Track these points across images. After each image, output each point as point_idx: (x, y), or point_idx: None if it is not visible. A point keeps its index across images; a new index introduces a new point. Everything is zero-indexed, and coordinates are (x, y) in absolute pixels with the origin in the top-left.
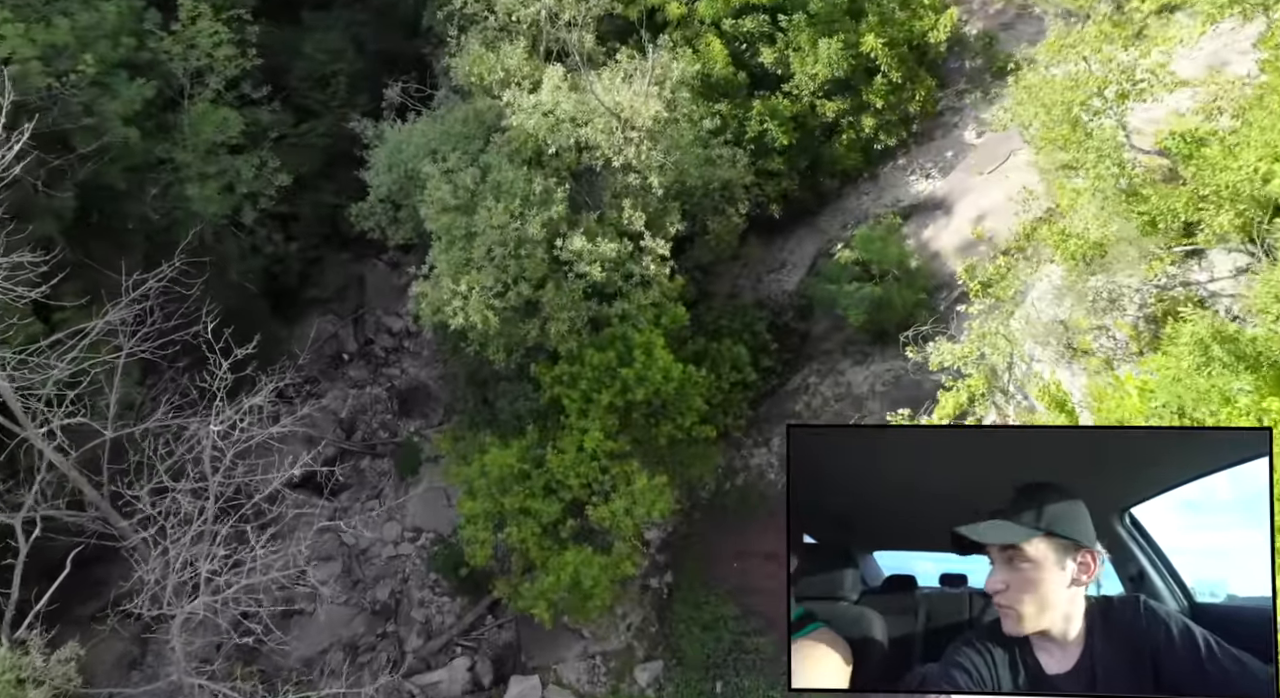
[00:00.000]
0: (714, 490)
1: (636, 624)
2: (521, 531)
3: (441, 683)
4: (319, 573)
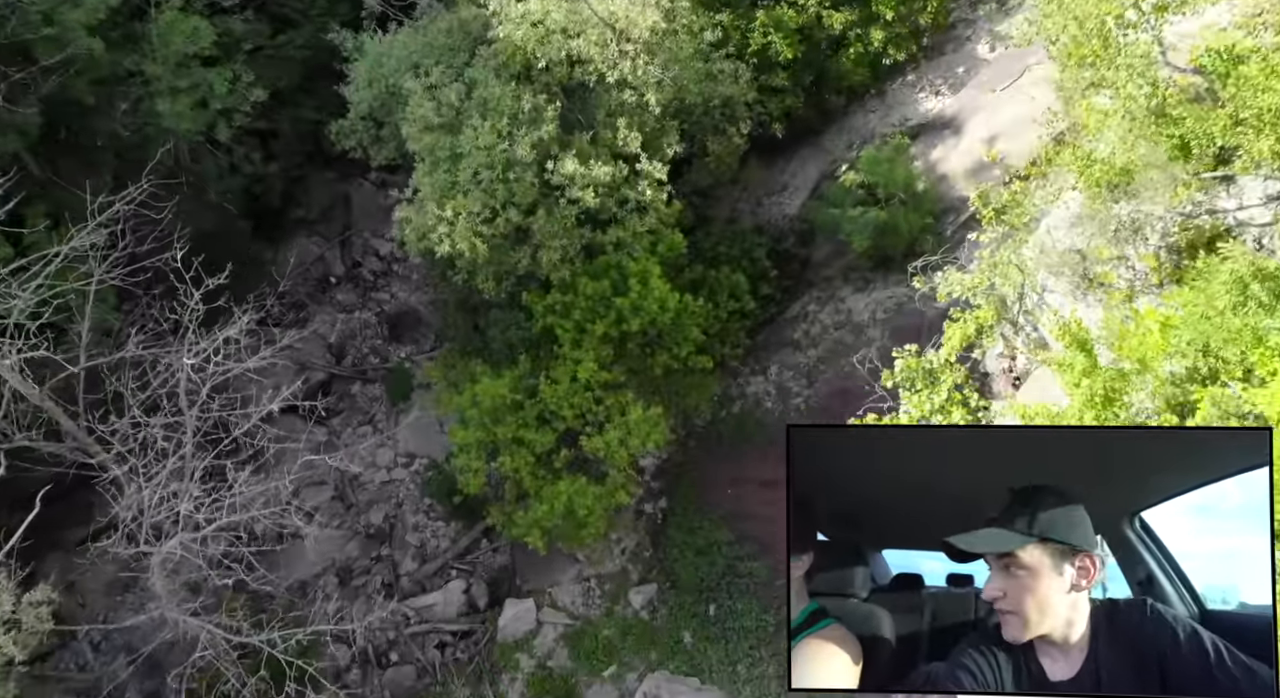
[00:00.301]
0: (709, 419)
1: (631, 549)
2: (514, 460)
3: (437, 606)
4: (310, 498)
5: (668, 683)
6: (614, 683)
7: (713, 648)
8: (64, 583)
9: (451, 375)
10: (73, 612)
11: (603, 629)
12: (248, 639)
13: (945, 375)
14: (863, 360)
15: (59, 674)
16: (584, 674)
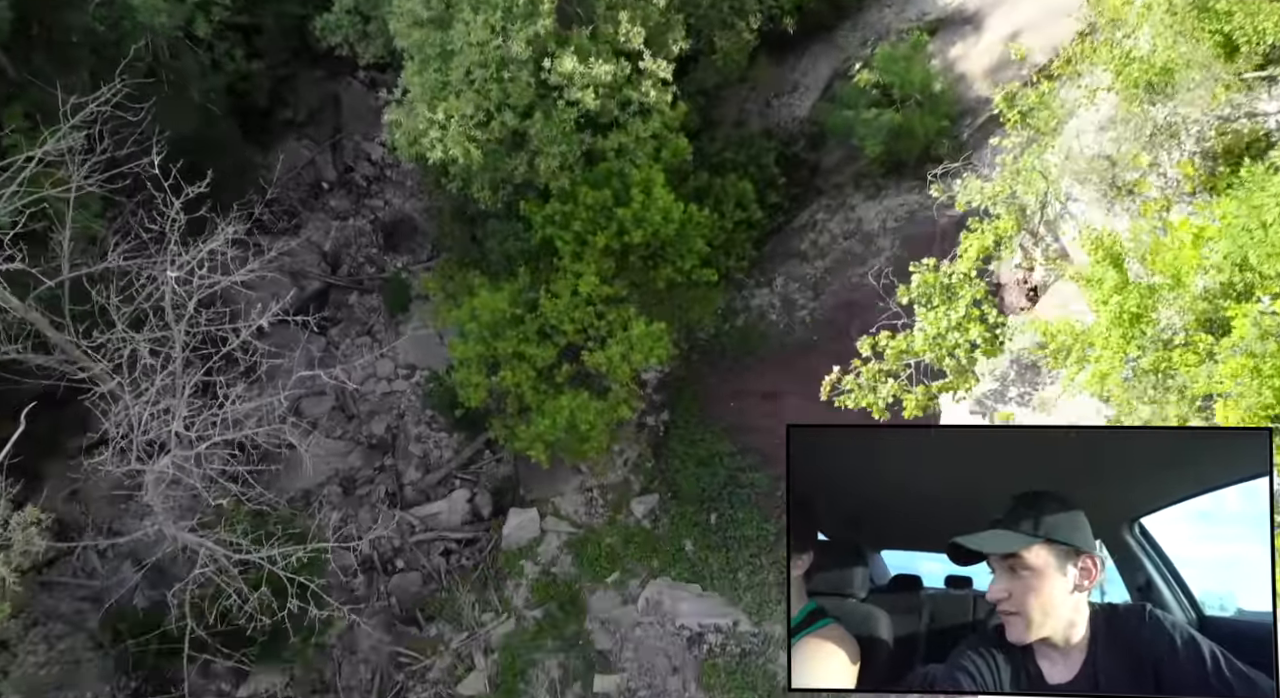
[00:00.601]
0: (713, 332)
1: (633, 460)
2: (516, 375)
3: (441, 514)
4: (311, 409)
5: (669, 589)
6: (617, 589)
7: (714, 556)
8: (66, 491)
9: (449, 287)
10: (76, 520)
11: (605, 538)
12: (248, 557)
13: (963, 290)
14: (877, 274)
15: (67, 581)
16: (587, 581)
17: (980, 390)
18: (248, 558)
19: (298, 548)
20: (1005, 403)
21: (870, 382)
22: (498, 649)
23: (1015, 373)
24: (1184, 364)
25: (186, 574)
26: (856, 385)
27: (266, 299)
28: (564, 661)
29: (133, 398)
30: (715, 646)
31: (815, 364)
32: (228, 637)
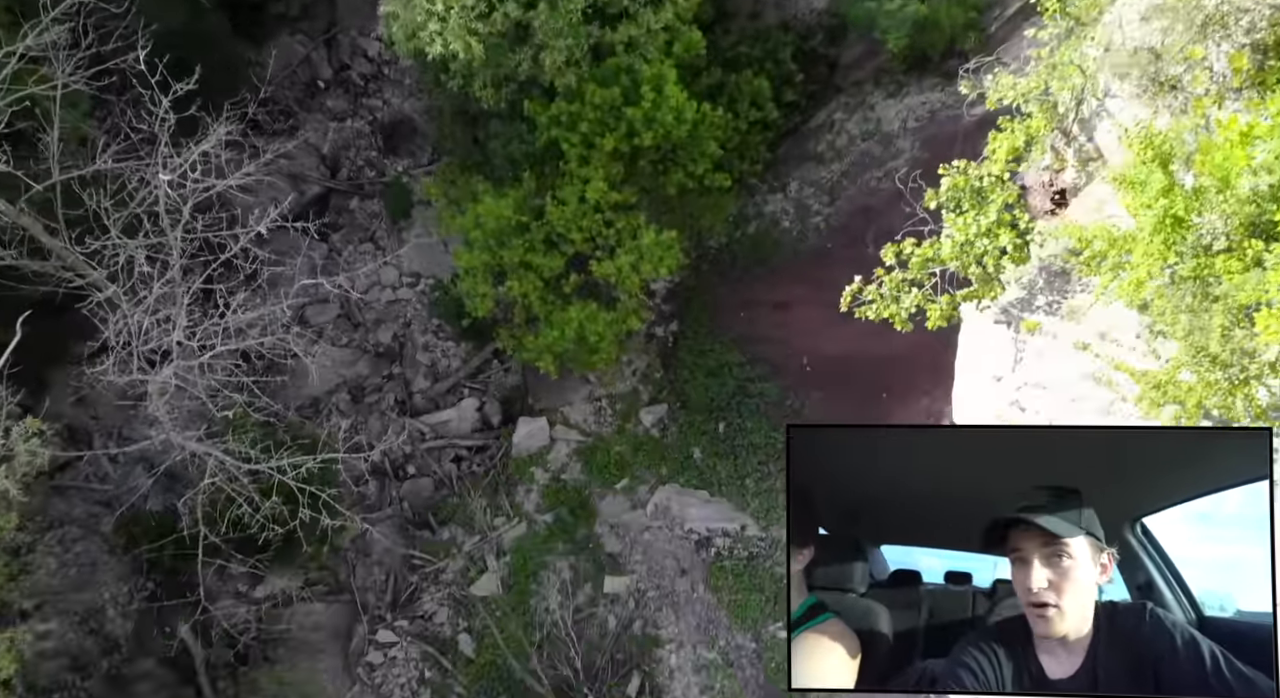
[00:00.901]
0: (724, 240)
1: (641, 370)
2: (522, 285)
3: (451, 422)
4: (316, 316)
5: (678, 495)
6: (626, 495)
7: (722, 463)
8: (73, 397)
9: (452, 193)
10: (85, 426)
11: (614, 446)
12: (257, 467)
13: (995, 194)
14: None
15: (79, 485)
16: (597, 486)
17: (1006, 299)
18: (257, 468)
19: (307, 459)
20: (1032, 311)
21: (893, 291)
22: (509, 552)
23: (1043, 281)
24: (1227, 271)
25: (198, 481)
26: (878, 295)
27: (265, 204)
28: (575, 563)
29: (131, 306)
30: (723, 549)
31: (829, 273)
32: (241, 543)
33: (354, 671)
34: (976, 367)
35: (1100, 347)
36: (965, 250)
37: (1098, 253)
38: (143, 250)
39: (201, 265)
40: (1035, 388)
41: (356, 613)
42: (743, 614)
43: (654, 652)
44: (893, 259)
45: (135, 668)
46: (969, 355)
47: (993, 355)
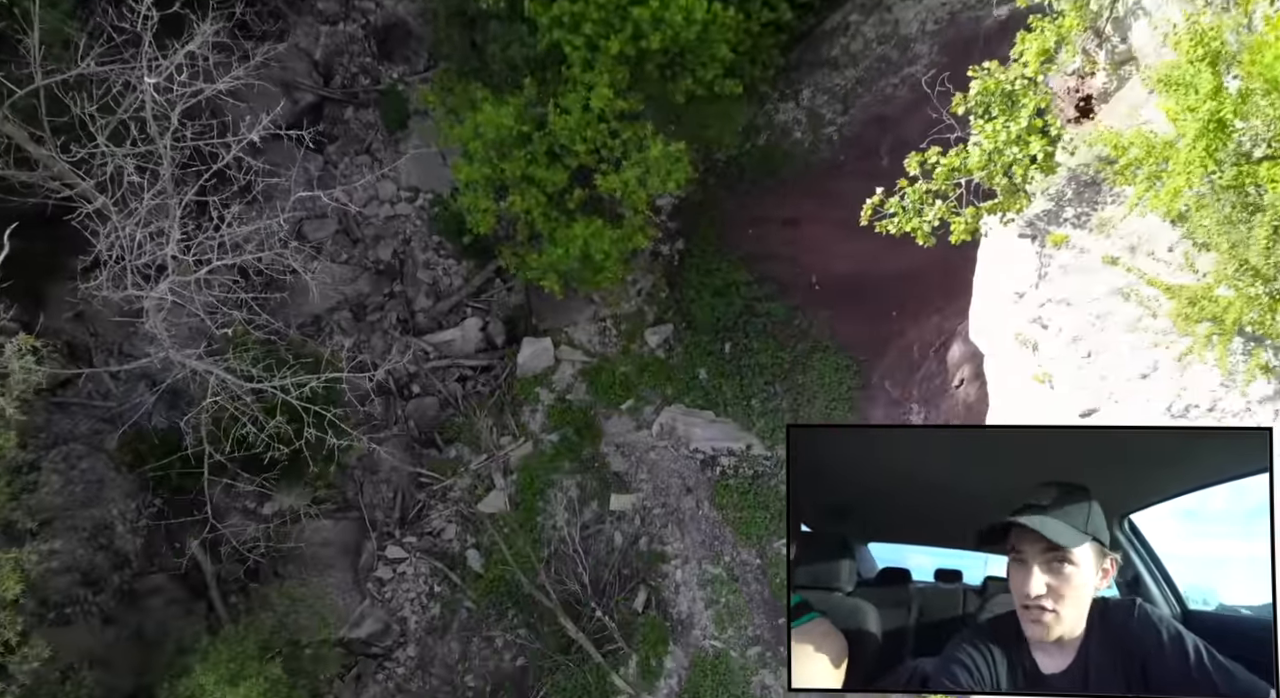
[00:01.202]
0: (732, 153)
1: (647, 290)
2: (525, 200)
3: (455, 342)
4: (314, 232)
5: (683, 416)
6: (631, 415)
7: (727, 384)
8: (70, 313)
9: (450, 101)
10: (85, 342)
11: (619, 366)
12: (260, 386)
13: (1026, 98)
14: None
15: (81, 402)
16: (602, 407)
17: (1032, 212)
18: (260, 387)
19: (311, 378)
20: (1060, 224)
21: (916, 203)
22: (516, 471)
23: (1072, 192)
24: (1271, 180)
25: (200, 399)
26: (900, 208)
27: (257, 112)
28: (581, 481)
29: (122, 218)
30: (728, 468)
31: (841, 187)
32: (247, 462)
33: (364, 586)
34: (996, 283)
35: (1131, 261)
36: (994, 159)
37: (1134, 160)
38: (131, 159)
39: (194, 175)
40: (1059, 305)
41: (365, 530)
42: (747, 531)
43: (660, 567)
44: (916, 169)
45: (146, 583)
46: (988, 271)
47: (1015, 271)
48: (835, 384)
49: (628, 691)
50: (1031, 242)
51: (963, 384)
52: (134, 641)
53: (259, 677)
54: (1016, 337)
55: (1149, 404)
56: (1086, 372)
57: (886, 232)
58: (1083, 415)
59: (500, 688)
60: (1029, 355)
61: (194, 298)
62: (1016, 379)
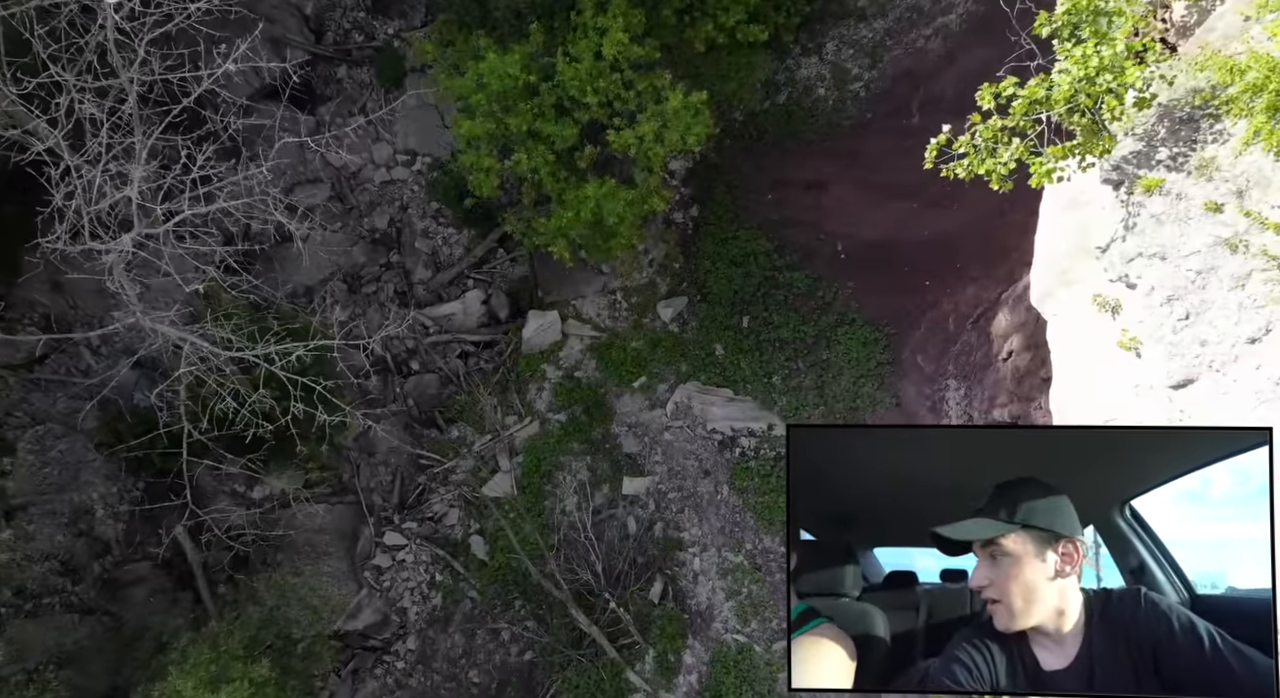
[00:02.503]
0: (751, 112)
1: (659, 260)
2: (532, 158)
3: (456, 315)
4: (306, 197)
5: (699, 394)
6: (643, 394)
7: (746, 360)
8: (49, 283)
9: (449, 55)
10: (64, 314)
11: (631, 341)
12: (241, 354)
13: (1120, 17)
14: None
15: (60, 379)
16: (612, 385)
17: (1119, 154)
18: (241, 356)
19: (298, 345)
20: (1152, 167)
21: (989, 142)
22: (522, 452)
23: (1166, 130)
24: None
25: (176, 369)
26: (971, 148)
27: (250, 70)
28: (591, 464)
29: (77, 159)
30: (748, 449)
31: (868, 147)
32: (230, 442)
33: (360, 575)
34: (1067, 239)
35: (1239, 207)
36: (1083, 89)
37: (1251, 86)
38: (90, 93)
39: (161, 115)
40: (1150, 259)
41: (362, 515)
42: (770, 517)
43: (677, 555)
44: (989, 103)
45: (129, 572)
46: (1057, 226)
47: (1094, 223)
48: (863, 359)
49: (644, 688)
50: (1116, 189)
51: (1011, 356)
52: (112, 635)
53: (243, 679)
54: (1095, 299)
55: (1259, 372)
56: (1183, 336)
57: (954, 176)
58: (1176, 387)
59: (507, 684)
60: (1108, 321)
61: (163, 252)
62: (1091, 348)
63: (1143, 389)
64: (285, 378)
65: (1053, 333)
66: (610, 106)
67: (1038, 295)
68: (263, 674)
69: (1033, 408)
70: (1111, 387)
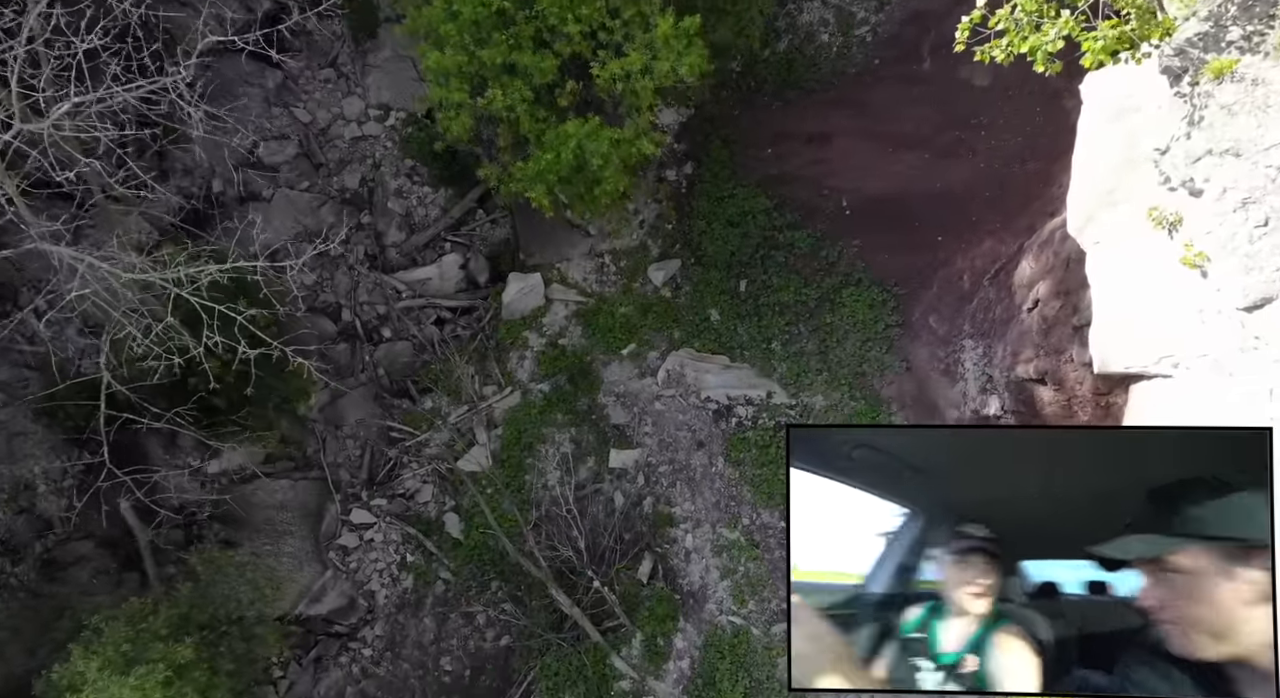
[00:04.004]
0: (749, 60)
1: (650, 221)
2: (507, 95)
3: (432, 280)
4: (272, 154)
5: (693, 361)
6: (633, 361)
7: (743, 325)
8: None
9: None
10: (10, 279)
11: (620, 307)
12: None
13: None
14: None
15: (4, 347)
16: (600, 353)
17: (1181, 38)
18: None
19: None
20: (1221, 50)
21: (1033, 17)
22: (501, 424)
23: (1238, 6)
24: None
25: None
26: (1012, 23)
27: (213, 19)
28: (576, 435)
29: None
30: (745, 419)
31: (875, 96)
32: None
33: (325, 555)
34: (1114, 146)
35: None
36: None
37: None
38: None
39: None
40: (1221, 157)
41: (328, 491)
42: (769, 490)
43: (667, 532)
44: None
45: (71, 551)
46: (1099, 140)
47: (1150, 122)
48: (870, 322)
49: (630, 674)
50: (1177, 81)
51: (1037, 306)
52: (31, 614)
53: (161, 661)
54: (1150, 213)
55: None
56: (1260, 246)
57: (990, 59)
58: (1251, 308)
59: (480, 672)
60: (1163, 241)
61: (43, 140)
62: (1144, 275)
63: (1209, 315)
64: (197, 304)
65: (1094, 265)
66: (594, 37)
67: (1076, 224)
68: (186, 657)
69: (1063, 361)
70: (1169, 317)
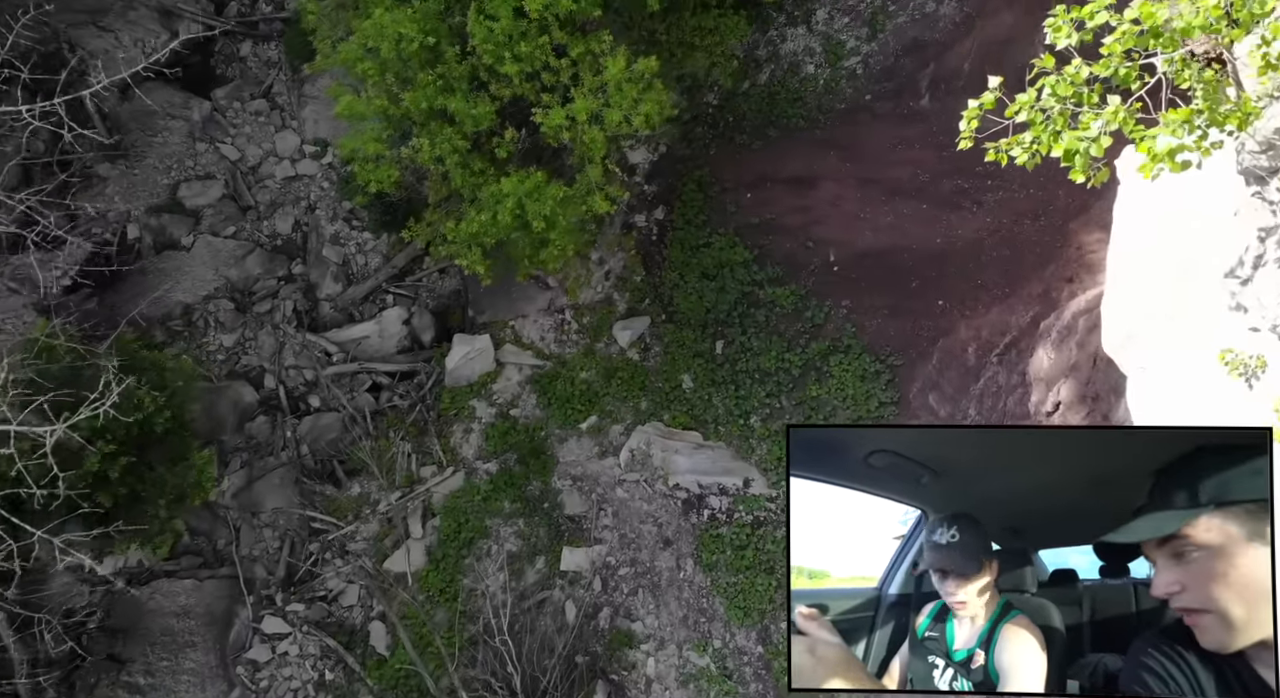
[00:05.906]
0: (726, 93)
1: (616, 273)
2: (436, 145)
3: (369, 339)
4: (194, 196)
5: (661, 438)
6: (594, 437)
7: (719, 395)
8: None
9: (336, 18)
10: None
11: (580, 371)
12: None
13: None
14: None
15: None
16: (556, 426)
17: (1273, 125)
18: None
19: None
20: None
21: (1067, 103)
22: (439, 514)
23: None
24: None
25: None
26: (1038, 114)
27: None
28: (523, 529)
29: None
30: (719, 511)
31: (867, 135)
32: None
33: (232, 671)
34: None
35: None
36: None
37: None
38: None
39: None
40: None
41: (239, 592)
42: (745, 604)
43: (626, 654)
44: (1068, 37)
45: None
46: (1144, 244)
47: (1216, 236)
48: (861, 397)
49: None
50: (1263, 184)
51: (1058, 410)
52: None
53: None
54: (1223, 357)
55: None
56: None
57: (1006, 161)
58: None
59: None
60: (1239, 387)
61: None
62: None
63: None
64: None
65: (1136, 395)
66: (537, 78)
67: (1113, 342)
68: None
69: None
70: None
